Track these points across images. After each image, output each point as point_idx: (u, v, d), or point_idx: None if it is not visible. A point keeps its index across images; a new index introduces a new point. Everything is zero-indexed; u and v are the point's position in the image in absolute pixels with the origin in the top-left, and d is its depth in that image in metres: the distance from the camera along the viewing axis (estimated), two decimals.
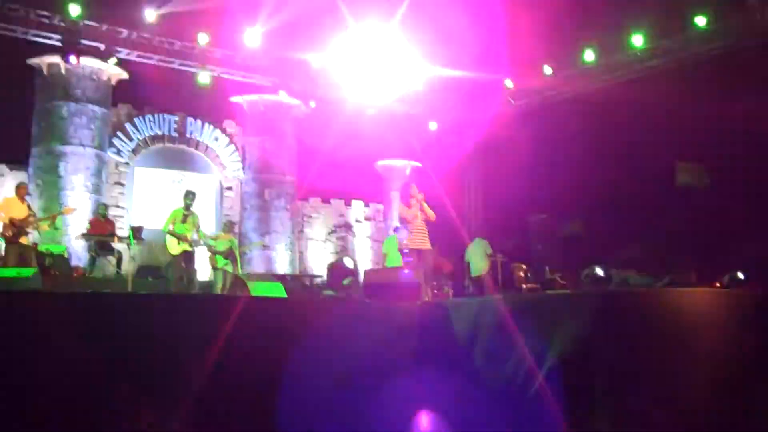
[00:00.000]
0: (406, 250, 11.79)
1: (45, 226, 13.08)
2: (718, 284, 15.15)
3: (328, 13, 17.74)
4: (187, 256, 12.65)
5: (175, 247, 12.49)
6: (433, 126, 23.51)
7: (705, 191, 17.61)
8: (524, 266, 16.94)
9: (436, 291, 13.95)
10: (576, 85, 20.67)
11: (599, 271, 16.37)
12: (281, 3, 18.02)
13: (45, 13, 17.60)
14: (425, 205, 11.52)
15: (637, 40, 18.99)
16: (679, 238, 17.04)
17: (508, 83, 21.76)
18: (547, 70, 20.94)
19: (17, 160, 19.06)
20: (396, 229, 17.23)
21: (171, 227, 12.52)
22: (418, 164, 24.91)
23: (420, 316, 7.87)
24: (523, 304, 7.42)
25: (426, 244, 11.33)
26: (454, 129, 23.55)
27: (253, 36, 19.29)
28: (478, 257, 16.88)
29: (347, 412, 6.91)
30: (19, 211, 11.83)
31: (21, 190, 12.29)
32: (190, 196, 12.93)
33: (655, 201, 17.72)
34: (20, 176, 18.41)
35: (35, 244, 14.37)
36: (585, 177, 18.74)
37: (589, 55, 19.99)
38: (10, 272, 10.10)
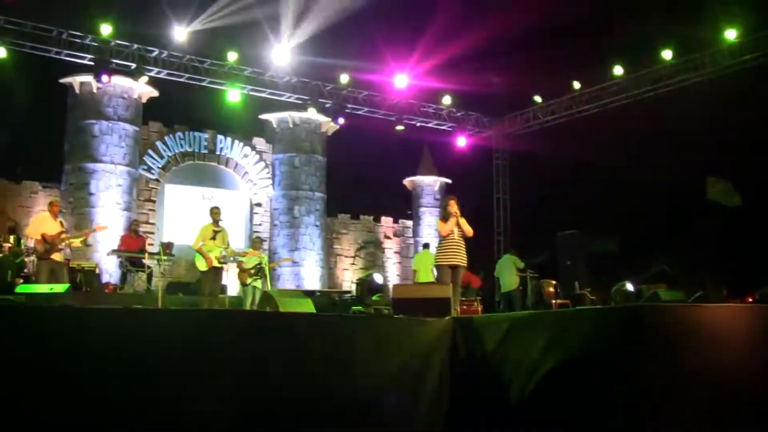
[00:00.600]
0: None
1: (77, 242, 13.17)
2: (749, 299, 14.97)
3: (357, 30, 17.87)
4: (216, 272, 12.68)
5: (203, 264, 12.53)
6: (461, 142, 23.51)
7: (735, 206, 17.45)
8: (554, 282, 16.82)
9: (465, 306, 13.89)
10: (606, 100, 20.58)
11: (629, 287, 16.24)
12: (309, 22, 18.15)
13: (77, 33, 17.85)
14: (463, 220, 11.43)
15: (667, 54, 18.90)
16: (711, 253, 16.89)
17: (537, 99, 21.76)
18: (576, 85, 20.90)
19: (50, 177, 19.28)
20: (427, 245, 17.23)
21: (200, 244, 12.56)
22: (447, 180, 24.89)
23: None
24: (553, 319, 7.38)
25: (462, 260, 11.24)
26: (483, 145, 23.57)
27: (281, 54, 19.44)
28: (508, 273, 16.80)
29: None
30: (52, 228, 11.91)
31: (53, 207, 12.39)
32: (217, 212, 12.96)
33: (685, 216, 17.58)
34: (52, 194, 18.65)
35: (67, 260, 14.51)
36: (614, 192, 18.66)
37: (618, 70, 19.92)
38: (43, 288, 10.18)
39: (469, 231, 11.31)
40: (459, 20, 18.04)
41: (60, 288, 9.83)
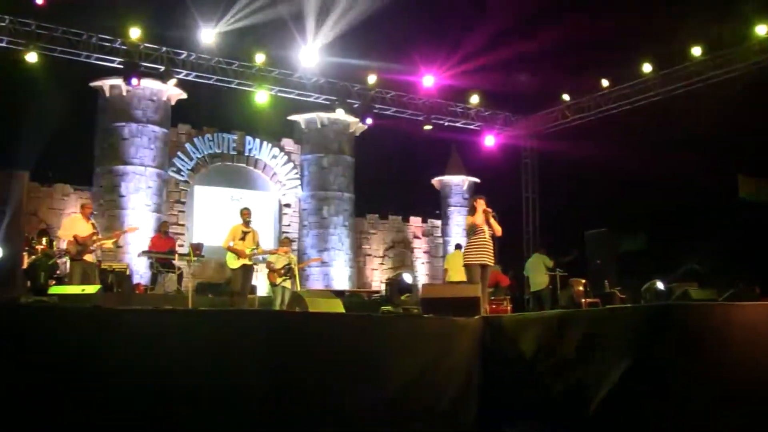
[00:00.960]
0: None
1: (108, 244, 13.27)
2: None
3: (384, 30, 17.88)
4: (246, 271, 12.75)
5: (235, 261, 12.61)
6: (489, 141, 23.43)
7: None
8: (583, 281, 16.73)
9: (494, 305, 13.85)
10: (634, 98, 20.42)
11: (659, 285, 16.11)
12: (336, 22, 18.18)
13: (107, 37, 17.99)
14: (493, 219, 11.38)
15: (696, 51, 18.71)
16: (742, 251, 16.73)
17: (565, 97, 21.66)
18: (605, 83, 20.77)
19: (81, 180, 19.46)
20: (459, 246, 17.20)
21: (231, 243, 12.64)
22: (476, 179, 24.82)
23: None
24: (584, 318, 7.34)
25: (491, 259, 11.21)
26: (511, 143, 23.50)
27: (309, 55, 19.50)
28: (537, 272, 16.73)
29: None
30: (84, 230, 12.02)
31: (86, 209, 12.52)
32: (247, 213, 13.03)
33: (716, 214, 17.43)
34: (83, 196, 18.85)
35: (99, 261, 14.63)
36: (644, 190, 18.52)
37: (647, 68, 19.76)
38: (75, 289, 10.27)
39: (498, 230, 11.27)
40: (486, 19, 18.00)
41: (92, 289, 9.91)
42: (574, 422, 6.75)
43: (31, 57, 17.00)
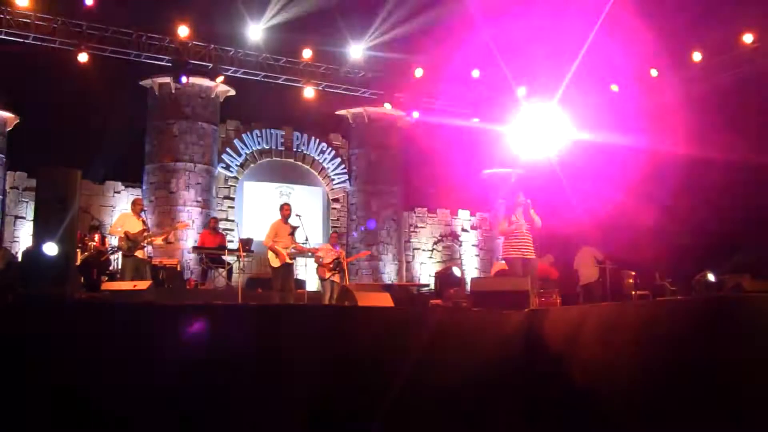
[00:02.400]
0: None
1: (159, 240, 13.41)
2: None
3: (430, 24, 17.84)
4: (287, 269, 12.69)
5: (276, 260, 12.60)
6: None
7: None
8: (633, 273, 16.56)
9: (543, 299, 13.77)
10: (685, 85, 20.06)
11: (711, 277, 15.89)
12: (385, 17, 18.16)
13: (155, 35, 18.17)
14: (532, 211, 11.36)
15: (747, 38, 18.35)
16: None
17: (614, 87, 21.38)
18: (654, 72, 20.47)
19: (132, 177, 19.72)
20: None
21: (272, 241, 12.64)
22: (523, 172, 24.63)
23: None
24: (635, 311, 7.27)
25: (531, 252, 11.19)
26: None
27: (356, 49, 19.53)
28: (587, 265, 16.61)
29: None
30: (134, 226, 12.16)
31: (136, 206, 12.64)
32: (287, 208, 12.99)
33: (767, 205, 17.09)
34: (135, 193, 19.09)
35: (150, 258, 14.81)
36: (695, 179, 18.22)
37: (697, 56, 19.42)
38: (127, 285, 10.43)
39: (537, 222, 11.26)
40: (528, 14, 17.81)
41: (143, 285, 10.04)
42: (616, 417, 6.71)
43: (83, 57, 17.24)
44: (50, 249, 8.95)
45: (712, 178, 17.73)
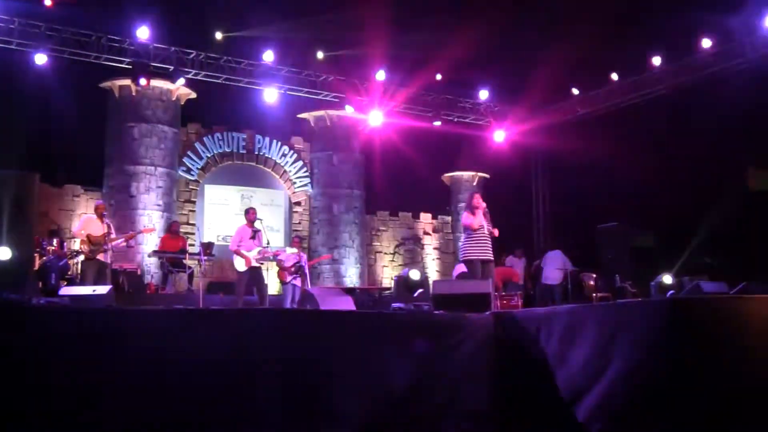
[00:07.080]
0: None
1: (122, 244, 13.34)
2: None
3: (390, 27, 17.85)
4: (255, 272, 12.73)
5: (242, 264, 12.61)
6: (499, 136, 23.22)
7: None
8: (594, 275, 16.74)
9: (504, 301, 13.86)
10: (643, 91, 20.27)
11: (669, 279, 16.11)
12: (344, 21, 18.12)
13: (115, 37, 18.00)
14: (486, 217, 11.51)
15: (706, 42, 18.54)
16: (755, 245, 16.67)
17: (575, 91, 21.55)
18: (614, 76, 20.65)
19: (91, 181, 19.51)
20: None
21: (237, 245, 12.66)
22: (486, 175, 24.77)
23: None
24: (598, 312, 7.32)
25: (491, 255, 11.30)
26: (521, 139, 23.37)
27: (317, 52, 19.52)
28: (552, 267, 16.85)
29: None
30: (97, 229, 12.16)
31: (99, 209, 12.64)
32: (252, 212, 13.03)
33: (727, 207, 17.32)
34: (94, 196, 18.90)
35: (111, 262, 14.68)
36: (655, 183, 18.44)
37: (656, 60, 19.61)
38: (86, 290, 10.33)
39: (494, 232, 11.41)
40: (493, 14, 17.88)
41: (103, 289, 9.96)
42: (575, 419, 6.77)
43: (41, 58, 17.03)
44: (3, 253, 8.83)
45: (674, 180, 17.99)
